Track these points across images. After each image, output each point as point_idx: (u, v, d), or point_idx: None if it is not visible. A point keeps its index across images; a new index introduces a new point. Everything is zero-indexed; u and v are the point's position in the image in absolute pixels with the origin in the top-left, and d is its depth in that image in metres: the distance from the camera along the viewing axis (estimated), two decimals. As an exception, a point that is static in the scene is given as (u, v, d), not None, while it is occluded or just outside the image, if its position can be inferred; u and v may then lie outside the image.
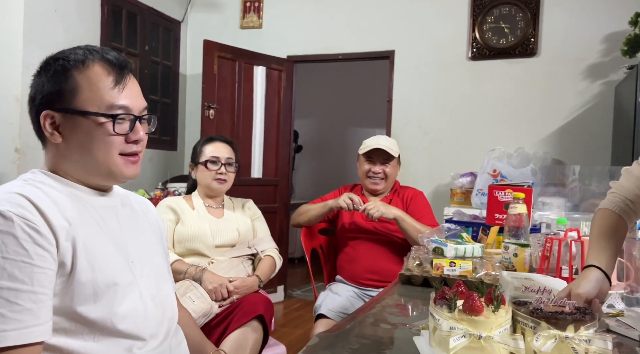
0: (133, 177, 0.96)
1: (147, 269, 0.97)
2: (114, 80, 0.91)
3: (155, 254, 1.03)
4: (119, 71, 0.92)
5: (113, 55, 0.93)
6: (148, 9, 3.84)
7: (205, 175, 1.93)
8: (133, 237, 0.98)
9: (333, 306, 1.90)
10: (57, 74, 0.90)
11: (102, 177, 0.94)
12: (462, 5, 3.64)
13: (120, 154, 0.92)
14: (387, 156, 2.14)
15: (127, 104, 0.92)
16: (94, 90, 0.89)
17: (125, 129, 0.92)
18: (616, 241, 1.15)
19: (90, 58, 0.91)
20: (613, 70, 3.19)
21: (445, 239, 1.61)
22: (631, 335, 1.02)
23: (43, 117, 0.90)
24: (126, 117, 0.92)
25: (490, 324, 0.79)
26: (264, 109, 3.98)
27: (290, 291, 4.30)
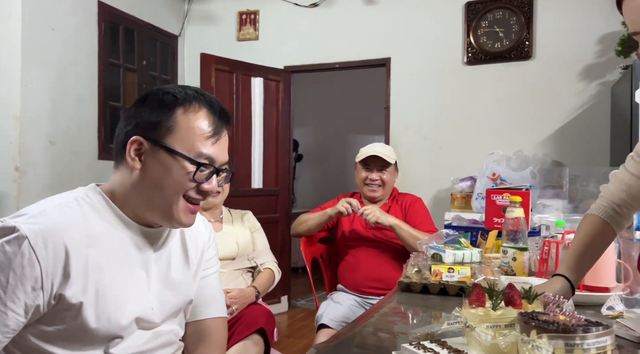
0: (188, 225, 0.96)
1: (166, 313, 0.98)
2: (212, 131, 0.92)
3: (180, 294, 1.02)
4: (219, 123, 0.94)
5: (219, 107, 0.95)
6: (145, 24, 3.88)
7: None
8: (165, 280, 0.98)
9: (335, 315, 1.89)
10: (162, 106, 0.91)
11: (158, 216, 0.93)
12: (456, 11, 3.66)
13: (185, 198, 0.92)
14: (384, 163, 2.15)
15: (213, 156, 0.92)
16: (190, 134, 0.90)
17: (202, 178, 0.92)
18: (597, 248, 1.16)
19: (198, 102, 0.92)
20: (608, 70, 3.20)
21: (443, 245, 1.61)
22: (630, 337, 1.01)
23: (131, 142, 0.90)
24: (207, 168, 0.93)
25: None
26: (263, 120, 4.00)
27: (295, 301, 4.28)
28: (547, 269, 1.39)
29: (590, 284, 1.31)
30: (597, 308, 1.21)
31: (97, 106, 3.47)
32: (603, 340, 0.71)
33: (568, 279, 1.10)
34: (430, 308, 1.32)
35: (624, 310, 1.16)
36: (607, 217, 1.16)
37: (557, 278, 1.11)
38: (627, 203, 1.16)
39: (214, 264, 1.12)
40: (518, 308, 0.87)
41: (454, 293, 1.39)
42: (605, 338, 0.71)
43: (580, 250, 1.14)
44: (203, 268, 1.09)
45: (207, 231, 1.13)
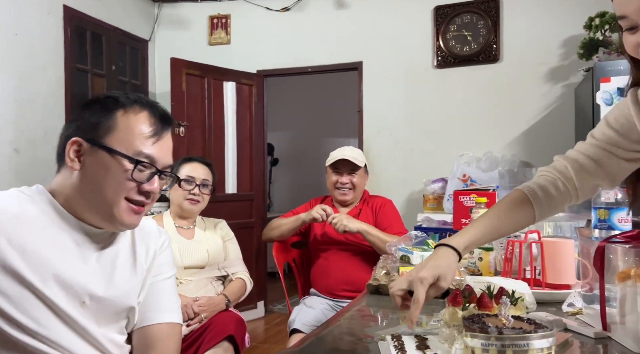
0: (131, 226, 0.96)
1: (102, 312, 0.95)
2: (152, 131, 0.94)
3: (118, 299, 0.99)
4: (160, 124, 0.95)
5: (161, 110, 0.97)
6: (113, 29, 3.82)
7: (178, 194, 1.91)
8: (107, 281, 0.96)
9: (307, 319, 1.89)
10: (103, 109, 0.93)
11: (101, 218, 0.93)
12: (426, 15, 3.72)
13: (127, 199, 0.92)
14: (354, 166, 2.16)
15: (154, 156, 0.93)
16: (129, 133, 0.92)
17: (143, 178, 0.93)
18: (498, 216, 1.06)
19: (139, 105, 0.95)
20: (572, 73, 3.30)
21: (412, 246, 1.62)
22: (588, 333, 1.04)
23: (71, 142, 0.91)
24: (148, 168, 0.93)
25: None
26: (236, 124, 3.98)
27: (271, 306, 4.26)
28: (511, 268, 1.42)
29: (552, 281, 1.34)
30: (559, 305, 1.24)
31: (64, 112, 3.39)
32: (540, 343, 0.73)
33: (453, 248, 1.01)
34: (399, 310, 1.33)
35: (583, 306, 1.20)
36: (530, 193, 1.07)
37: (442, 248, 1.01)
38: (568, 181, 1.08)
39: (167, 269, 1.10)
40: (487, 310, 0.88)
41: (421, 294, 1.41)
42: (542, 341, 0.73)
43: (479, 221, 1.07)
44: (154, 273, 1.07)
45: (160, 236, 1.11)
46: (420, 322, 1.22)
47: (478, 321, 0.78)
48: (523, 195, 1.08)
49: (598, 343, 1.01)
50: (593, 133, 1.13)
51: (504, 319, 0.79)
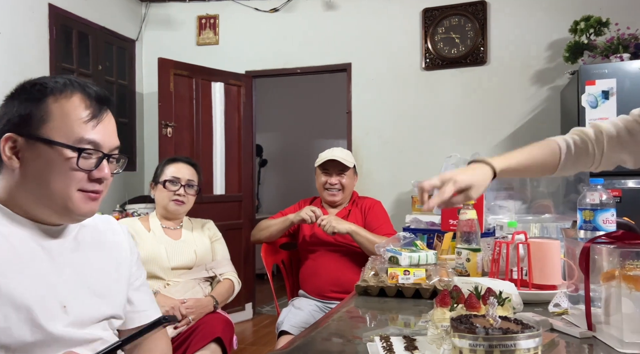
0: (89, 214, 0.92)
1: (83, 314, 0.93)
2: (90, 114, 0.88)
3: (102, 295, 0.98)
4: (97, 106, 0.90)
5: (94, 89, 0.91)
6: (100, 28, 3.78)
7: (163, 195, 1.89)
8: (76, 281, 0.94)
9: (295, 321, 1.89)
10: (31, 99, 0.87)
11: (55, 213, 0.89)
12: (414, 17, 3.74)
13: (79, 190, 0.88)
14: (343, 167, 2.16)
15: (97, 140, 0.89)
16: (65, 120, 0.86)
17: (90, 165, 0.88)
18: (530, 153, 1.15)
19: (70, 88, 0.88)
20: (558, 75, 3.34)
21: (400, 247, 1.63)
22: (573, 333, 1.05)
23: (4, 140, 0.86)
24: (94, 154, 0.88)
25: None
26: (224, 125, 3.96)
27: (260, 308, 4.24)
28: (499, 269, 1.43)
29: (539, 282, 1.36)
30: (545, 305, 1.25)
31: (49, 112, 3.34)
32: (526, 343, 0.74)
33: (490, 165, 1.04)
34: (387, 311, 1.33)
35: (569, 307, 1.21)
36: (562, 145, 1.15)
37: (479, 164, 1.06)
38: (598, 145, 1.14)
39: (141, 273, 1.10)
40: (475, 310, 0.89)
41: (410, 295, 1.41)
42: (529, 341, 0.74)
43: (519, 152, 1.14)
44: (135, 275, 1.06)
45: (127, 238, 1.10)
46: (409, 323, 1.22)
47: (466, 322, 0.78)
48: (555, 144, 1.15)
49: (583, 343, 1.02)
50: (634, 111, 1.17)
51: (492, 319, 0.79)
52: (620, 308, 0.99)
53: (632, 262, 1.04)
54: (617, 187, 2.56)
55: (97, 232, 1.03)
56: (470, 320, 0.80)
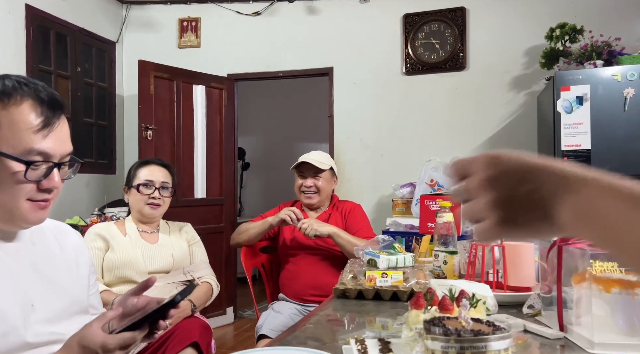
0: (38, 223, 0.89)
1: (52, 311, 0.92)
2: (41, 123, 0.83)
3: (68, 291, 0.98)
4: (49, 112, 0.84)
5: (46, 94, 0.85)
6: (79, 29, 3.72)
7: (138, 199, 1.87)
8: (40, 278, 0.93)
9: (275, 325, 1.88)
10: None
11: (2, 221, 0.87)
12: (395, 23, 3.78)
13: (29, 200, 0.85)
14: (317, 169, 2.17)
15: (48, 150, 0.84)
16: (14, 130, 0.81)
17: (39, 176, 0.84)
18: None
19: (20, 93, 0.82)
20: (534, 81, 3.41)
21: (379, 250, 1.64)
22: (546, 334, 1.07)
23: None
24: (43, 164, 0.84)
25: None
26: (206, 128, 3.93)
27: (241, 312, 4.22)
28: (475, 271, 1.45)
29: (513, 284, 1.38)
30: (520, 307, 1.27)
31: (25, 114, 3.28)
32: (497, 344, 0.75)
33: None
34: (365, 314, 1.33)
35: (542, 308, 1.23)
36: None
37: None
38: None
39: (96, 284, 1.11)
40: (448, 312, 0.90)
41: (387, 298, 1.42)
42: (500, 342, 0.76)
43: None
44: (92, 285, 1.06)
45: (85, 245, 1.10)
46: (387, 325, 1.23)
47: (438, 324, 0.79)
48: None
49: (555, 344, 1.04)
50: None
51: (464, 321, 0.80)
52: (591, 309, 1.01)
53: (603, 264, 1.07)
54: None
55: (54, 232, 1.03)
56: (442, 322, 0.81)
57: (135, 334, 0.86)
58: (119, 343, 0.83)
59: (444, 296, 0.93)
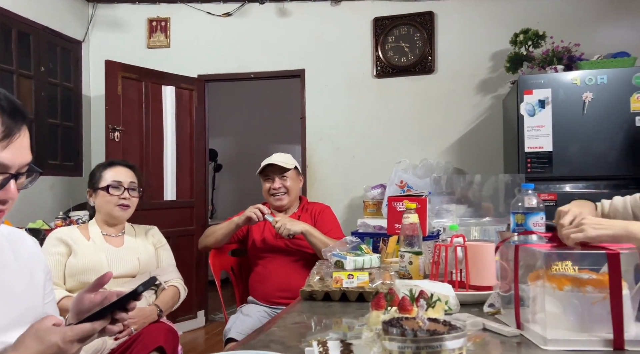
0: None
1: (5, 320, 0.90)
2: (2, 133, 0.80)
3: (22, 300, 0.96)
4: (10, 122, 0.81)
5: (8, 103, 0.81)
6: (43, 28, 3.62)
7: (107, 200, 1.83)
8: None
9: (243, 328, 1.87)
10: None
11: None
12: (365, 26, 3.82)
13: None
14: (283, 170, 2.17)
15: (5, 162, 0.81)
16: None
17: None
18: None
19: None
20: (500, 85, 3.50)
21: (346, 252, 1.65)
22: (503, 332, 1.10)
23: None
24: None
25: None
26: (175, 129, 3.89)
27: (213, 316, 4.17)
28: (438, 271, 1.48)
29: (475, 283, 1.41)
30: (482, 306, 1.31)
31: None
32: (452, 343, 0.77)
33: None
34: (331, 315, 1.35)
35: (502, 307, 1.27)
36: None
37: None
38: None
39: (52, 292, 1.09)
40: (407, 313, 0.92)
41: (354, 299, 1.44)
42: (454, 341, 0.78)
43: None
44: (47, 293, 1.04)
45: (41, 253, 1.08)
46: (353, 326, 1.24)
47: (396, 324, 0.81)
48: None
49: (512, 341, 1.07)
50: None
51: (420, 321, 0.82)
52: (544, 307, 1.05)
53: (557, 263, 1.11)
54: (552, 191, 2.71)
55: (8, 240, 1.00)
56: (400, 322, 0.83)
57: (95, 325, 0.84)
58: (77, 334, 0.82)
59: (403, 296, 0.94)
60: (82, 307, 0.93)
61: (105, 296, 0.93)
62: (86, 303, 0.93)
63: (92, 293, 0.94)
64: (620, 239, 1.07)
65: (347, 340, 0.98)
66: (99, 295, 0.93)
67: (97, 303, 0.93)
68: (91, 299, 0.93)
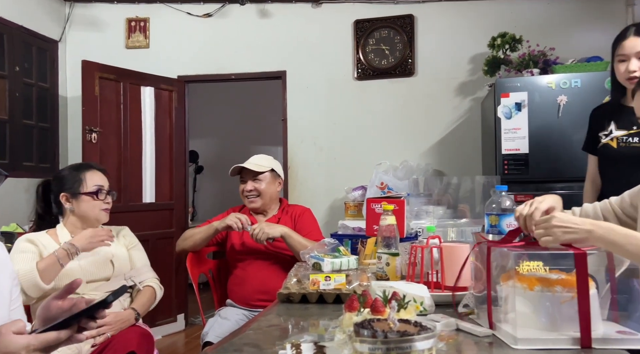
0: None
1: None
2: None
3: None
4: None
5: None
6: (17, 27, 3.55)
7: (93, 205, 1.80)
8: None
9: (221, 331, 1.85)
10: None
11: None
12: (346, 28, 3.83)
13: None
14: (255, 173, 2.16)
15: None
16: None
17: None
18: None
19: None
20: (479, 87, 3.55)
21: (324, 253, 1.65)
22: (476, 332, 1.12)
23: None
24: None
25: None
26: (155, 131, 3.84)
27: (192, 319, 4.13)
28: (414, 273, 1.49)
29: (450, 284, 1.43)
30: (457, 307, 1.32)
31: (-43, 115, 3.09)
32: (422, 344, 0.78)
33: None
34: (309, 317, 1.34)
35: (476, 307, 1.28)
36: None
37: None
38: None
39: (18, 299, 1.07)
40: (380, 314, 0.92)
41: (331, 301, 1.44)
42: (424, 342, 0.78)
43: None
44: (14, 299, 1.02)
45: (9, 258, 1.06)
46: (329, 328, 1.24)
47: (367, 326, 0.81)
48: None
49: (484, 341, 1.08)
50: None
51: (391, 323, 0.83)
52: (515, 307, 1.07)
53: (527, 263, 1.13)
54: (529, 193, 2.75)
55: None
56: (371, 324, 0.83)
57: (60, 334, 0.83)
58: (41, 343, 0.81)
59: (375, 298, 0.95)
60: (49, 314, 0.91)
61: (74, 303, 0.91)
62: (54, 309, 0.91)
63: (60, 300, 0.92)
64: (589, 241, 1.09)
65: (321, 342, 0.98)
66: (68, 302, 0.91)
67: (66, 310, 0.91)
68: (59, 305, 0.91)
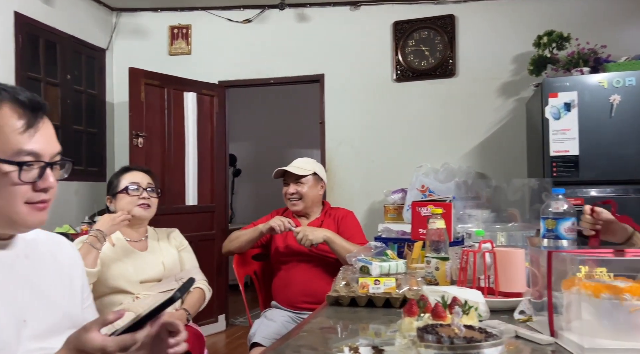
0: (38, 226, 0.90)
1: (43, 326, 0.91)
2: (25, 124, 0.85)
3: (60, 306, 0.97)
4: (31, 114, 0.86)
5: (26, 96, 0.86)
6: (69, 37, 3.71)
7: (127, 201, 1.85)
8: (33, 293, 0.92)
9: (267, 333, 1.87)
10: None
11: (1, 226, 0.87)
12: (385, 30, 3.81)
13: (27, 203, 0.86)
14: (297, 176, 2.18)
15: (37, 150, 0.86)
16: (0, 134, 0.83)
17: (33, 177, 0.86)
18: None
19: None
20: (523, 88, 3.46)
21: (371, 257, 1.64)
22: (537, 340, 1.08)
23: None
24: (35, 164, 0.86)
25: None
26: (197, 135, 3.93)
27: (233, 319, 4.19)
28: (466, 277, 1.46)
29: (505, 290, 1.39)
30: (511, 313, 1.28)
31: (14, 122, 3.25)
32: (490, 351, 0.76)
33: None
34: (358, 321, 1.34)
35: (533, 314, 1.24)
36: None
37: None
38: None
39: (89, 295, 1.10)
40: (441, 319, 0.91)
41: (380, 305, 1.43)
42: (492, 349, 0.76)
43: None
44: (85, 298, 1.06)
45: (79, 258, 1.09)
46: (380, 332, 1.23)
47: (431, 331, 0.80)
48: None
49: (546, 349, 1.05)
50: None
51: (457, 328, 0.81)
52: (580, 315, 1.03)
53: (593, 269, 1.09)
54: (579, 196, 2.65)
55: (48, 245, 1.02)
56: (435, 329, 0.82)
57: (136, 335, 0.84)
58: (119, 345, 0.82)
59: (436, 303, 0.93)
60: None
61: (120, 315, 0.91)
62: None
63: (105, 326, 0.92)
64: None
65: (380, 346, 0.97)
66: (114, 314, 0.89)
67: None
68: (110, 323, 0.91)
